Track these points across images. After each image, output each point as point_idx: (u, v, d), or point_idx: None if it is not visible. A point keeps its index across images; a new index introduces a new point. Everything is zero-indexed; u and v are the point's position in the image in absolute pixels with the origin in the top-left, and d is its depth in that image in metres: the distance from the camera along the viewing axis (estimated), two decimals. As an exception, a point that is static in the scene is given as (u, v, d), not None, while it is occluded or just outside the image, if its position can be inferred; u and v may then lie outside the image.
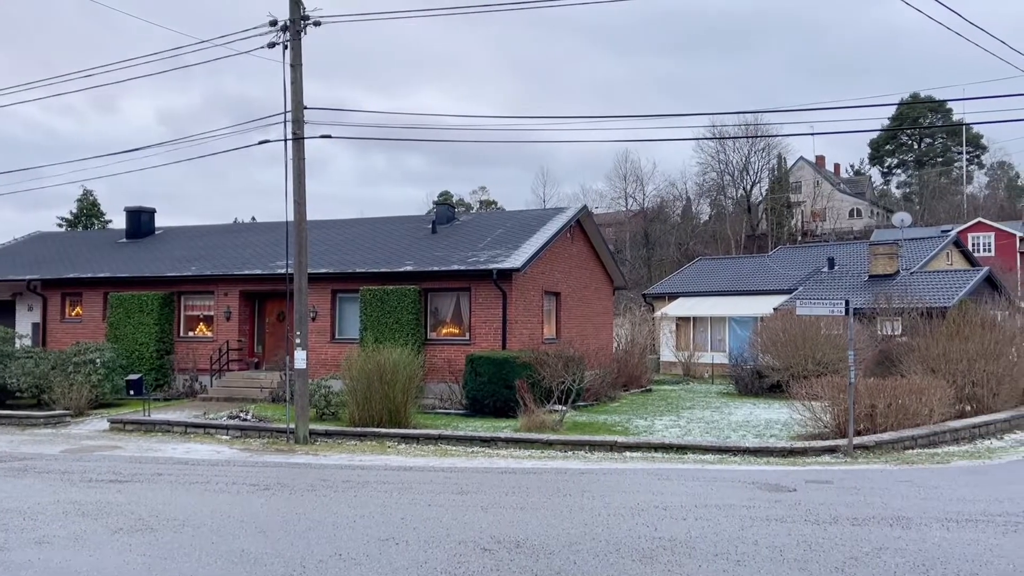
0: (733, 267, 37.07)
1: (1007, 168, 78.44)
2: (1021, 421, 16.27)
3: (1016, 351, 18.62)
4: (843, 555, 6.64)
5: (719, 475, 11.27)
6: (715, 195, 71.58)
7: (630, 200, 71.71)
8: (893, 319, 23.47)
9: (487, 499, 9.36)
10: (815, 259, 33.53)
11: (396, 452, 14.16)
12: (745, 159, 68.41)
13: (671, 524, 7.79)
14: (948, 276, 28.17)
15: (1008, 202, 68.30)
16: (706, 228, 69.69)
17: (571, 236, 23.68)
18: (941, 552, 6.71)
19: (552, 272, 22.45)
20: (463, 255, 21.31)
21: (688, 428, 16.41)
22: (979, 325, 18.20)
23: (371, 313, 20.66)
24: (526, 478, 11.13)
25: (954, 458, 12.87)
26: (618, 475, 11.40)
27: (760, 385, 23.03)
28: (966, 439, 14.50)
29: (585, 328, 24.07)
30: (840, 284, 29.16)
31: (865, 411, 14.25)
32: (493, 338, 20.05)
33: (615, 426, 16.64)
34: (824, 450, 13.09)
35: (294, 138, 15.47)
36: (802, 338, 21.93)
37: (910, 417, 14.41)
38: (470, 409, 18.59)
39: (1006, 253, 49.27)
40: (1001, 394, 16.66)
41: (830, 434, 14.12)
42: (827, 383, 14.84)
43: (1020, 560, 6.46)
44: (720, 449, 13.36)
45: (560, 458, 13.28)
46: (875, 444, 13.21)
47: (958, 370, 16.61)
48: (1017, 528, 7.63)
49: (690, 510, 8.47)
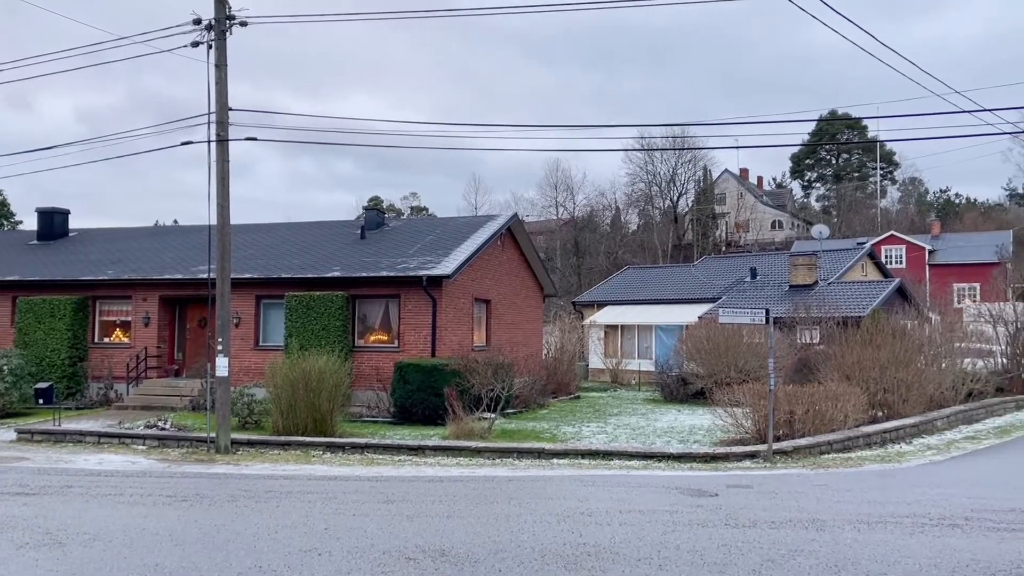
0: (660, 276, 37.77)
1: (918, 184, 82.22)
2: (928, 426, 17.03)
3: (924, 359, 19.51)
4: (760, 557, 6.81)
5: (644, 481, 11.43)
6: (643, 205, 72.89)
7: (561, 209, 72.38)
8: (812, 328, 24.23)
9: (413, 508, 9.27)
10: (738, 269, 34.43)
11: (321, 461, 13.91)
12: (672, 171, 69.92)
13: (596, 530, 7.85)
14: (863, 287, 29.29)
15: (918, 216, 71.51)
16: (635, 237, 70.91)
17: (502, 244, 23.75)
18: (852, 553, 6.95)
19: (483, 279, 22.46)
20: (392, 261, 21.13)
21: (615, 435, 16.61)
22: (890, 334, 19.00)
23: (297, 319, 20.28)
24: (453, 486, 11.08)
25: (866, 462, 13.36)
26: (545, 482, 11.46)
27: (685, 392, 23.48)
28: (878, 443, 15.09)
29: (515, 335, 24.15)
30: (762, 293, 30.01)
31: (784, 417, 14.68)
32: (422, 345, 19.92)
33: (543, 433, 16.72)
34: (745, 455, 13.42)
35: (218, 140, 15.10)
36: (725, 346, 22.46)
37: (826, 423, 14.91)
38: (398, 417, 18.42)
39: (916, 265, 51.59)
40: (910, 400, 17.39)
41: (751, 439, 14.48)
42: (748, 390, 15.23)
43: (925, 559, 6.74)
44: (645, 455, 13.56)
45: (488, 466, 13.27)
46: (793, 449, 13.62)
47: (871, 377, 17.28)
48: (923, 529, 7.96)
49: (615, 516, 8.56)
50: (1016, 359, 24.51)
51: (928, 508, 9.07)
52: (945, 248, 54.24)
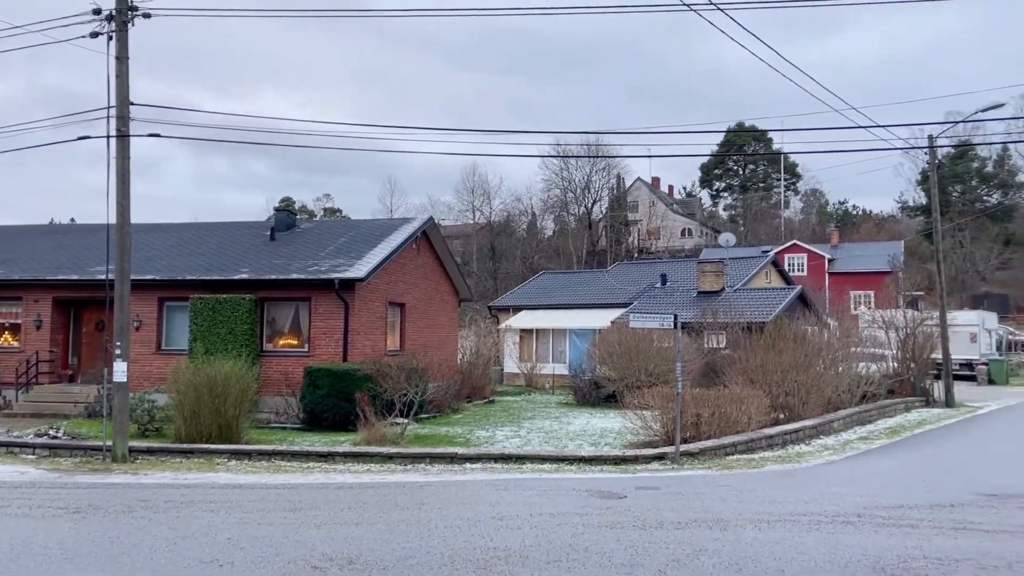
0: (575, 281, 38.23)
1: (819, 195, 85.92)
2: (826, 427, 17.78)
3: (823, 363, 20.36)
4: (666, 557, 6.95)
5: (556, 484, 11.52)
6: (559, 211, 73.72)
7: (477, 213, 72.48)
8: (718, 333, 24.94)
9: (321, 516, 9.08)
10: (650, 275, 35.16)
11: (226, 469, 13.47)
12: (587, 178, 70.94)
13: (507, 534, 7.86)
14: (767, 293, 30.37)
15: (819, 226, 74.74)
16: (550, 243, 71.62)
17: (417, 247, 23.58)
18: (753, 551, 7.18)
19: (397, 283, 22.24)
20: (303, 264, 20.69)
21: (528, 438, 16.69)
22: (792, 339, 19.75)
23: (202, 323, 19.61)
24: (364, 493, 10.91)
25: (768, 463, 13.84)
26: (458, 487, 11.41)
27: (598, 395, 23.79)
28: (779, 444, 15.65)
29: (430, 340, 23.98)
30: (672, 299, 30.72)
31: (691, 420, 15.04)
32: (334, 350, 19.57)
33: (457, 438, 16.66)
34: (653, 457, 13.70)
35: (118, 135, 14.47)
36: (636, 350, 22.89)
37: (731, 425, 15.37)
38: (308, 423, 18.03)
39: (817, 273, 53.92)
40: (810, 403, 18.11)
41: (660, 442, 14.79)
42: (657, 393, 15.56)
43: (819, 556, 7.02)
44: (557, 459, 13.67)
45: (400, 471, 13.12)
46: (699, 451, 13.98)
47: (773, 380, 17.92)
48: (819, 526, 8.29)
49: (526, 519, 8.60)
50: (906, 363, 25.88)
51: (824, 506, 9.45)
52: (843, 257, 56.86)
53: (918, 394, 25.18)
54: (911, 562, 6.83)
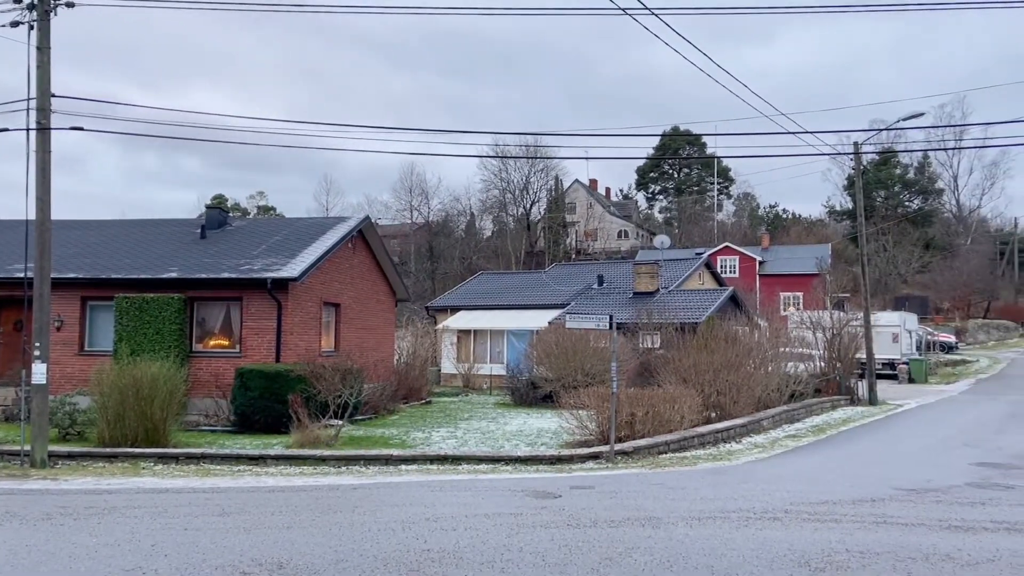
0: (513, 282, 38.32)
1: (750, 199, 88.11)
2: (756, 425, 18.21)
3: (753, 363, 20.85)
4: (599, 556, 7.01)
5: (491, 484, 11.52)
6: (497, 212, 73.86)
7: (415, 213, 72.13)
8: (653, 333, 25.32)
9: (251, 520, 8.88)
10: (587, 276, 35.49)
11: (152, 474, 13.06)
12: (525, 179, 71.27)
13: (441, 536, 7.81)
14: (700, 295, 30.98)
15: (750, 230, 76.60)
16: (488, 243, 71.72)
17: (353, 246, 23.28)
18: (684, 548, 7.29)
19: (332, 282, 21.92)
20: (235, 262, 20.22)
21: (464, 439, 16.65)
22: (724, 339, 20.19)
23: (128, 323, 18.99)
24: (296, 496, 10.71)
25: (700, 461, 14.10)
26: (392, 489, 11.30)
27: (535, 395, 23.89)
28: (711, 443, 15.96)
29: (366, 340, 23.72)
30: (608, 300, 31.07)
31: (626, 419, 15.22)
32: (266, 350, 19.18)
33: (393, 439, 16.51)
34: (589, 457, 13.81)
35: (39, 128, 13.88)
36: (573, 351, 23.07)
37: (664, 424, 15.61)
38: (239, 426, 17.63)
39: (748, 275, 55.23)
40: (740, 401, 18.53)
41: (595, 441, 14.92)
42: (593, 393, 15.70)
43: (748, 552, 7.17)
44: (493, 459, 13.67)
45: (334, 474, 12.93)
46: (634, 450, 14.15)
47: (706, 380, 18.27)
48: (748, 523, 8.47)
49: (461, 520, 8.56)
50: (832, 362, 26.71)
51: (753, 503, 9.67)
52: (773, 259, 58.41)
53: (843, 393, 26.01)
54: (834, 556, 7.04)
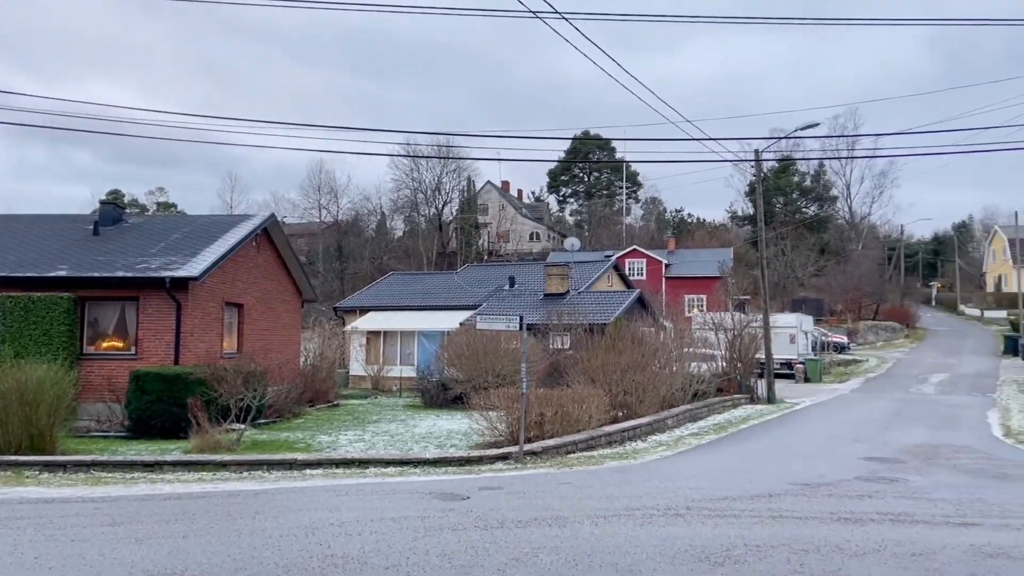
0: (424, 283, 38.05)
1: (658, 203, 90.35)
2: (661, 424, 18.65)
3: (659, 363, 21.34)
4: (506, 557, 7.00)
5: (399, 487, 11.37)
6: (409, 212, 73.35)
7: (324, 212, 70.81)
8: (563, 334, 25.59)
9: (144, 529, 8.48)
10: (499, 277, 35.57)
11: (37, 483, 12.31)
12: (437, 179, 71.03)
13: (346, 541, 7.66)
14: (608, 296, 31.50)
15: (657, 233, 78.54)
16: (400, 243, 71.12)
17: (257, 245, 22.63)
18: (589, 547, 7.37)
19: (235, 282, 21.25)
20: (131, 261, 19.35)
21: (372, 442, 16.41)
22: (631, 340, 20.58)
23: (12, 324, 17.90)
24: (193, 503, 10.30)
25: (607, 460, 14.31)
26: (296, 494, 11.02)
27: (445, 397, 23.78)
28: (618, 442, 16.23)
29: (271, 342, 23.09)
30: (519, 301, 31.23)
31: (536, 419, 15.31)
32: (164, 353, 18.43)
33: (297, 443, 16.11)
34: (498, 457, 13.82)
35: (-89, 113, 12.94)
36: (484, 352, 23.08)
37: (573, 424, 15.77)
38: (135, 431, 16.85)
39: (655, 277, 56.58)
40: (646, 401, 18.92)
41: (504, 442, 14.94)
42: (504, 394, 15.73)
43: (651, 548, 7.31)
44: (401, 462, 13.51)
45: (235, 480, 12.50)
46: (543, 450, 14.24)
47: (613, 380, 18.58)
48: (651, 520, 8.64)
49: (366, 524, 8.41)
50: (733, 363, 27.60)
51: (657, 500, 9.87)
52: (678, 262, 60.01)
53: (744, 392, 26.93)
54: (733, 550, 7.25)
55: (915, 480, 12.12)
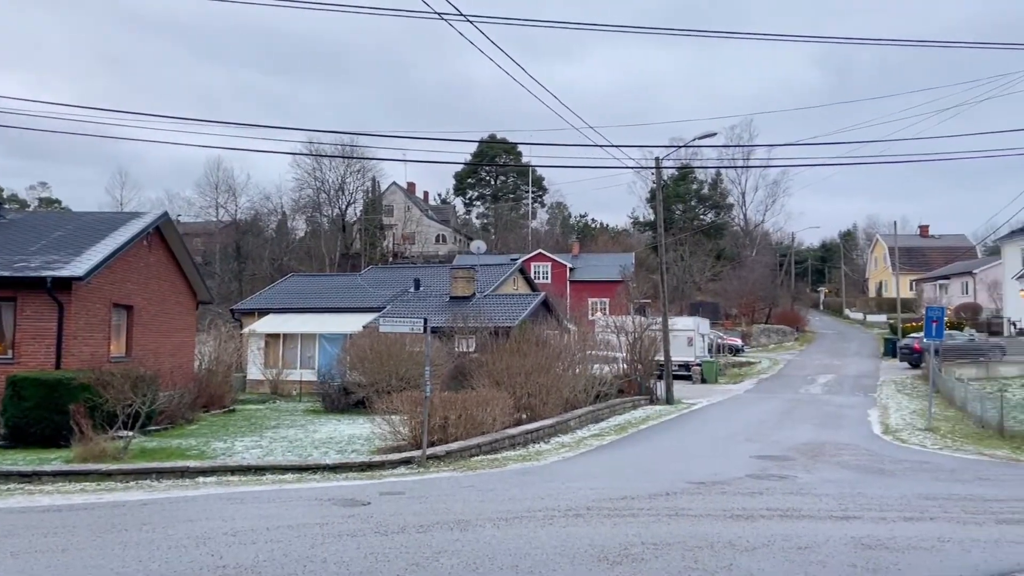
0: (326, 284, 37.30)
1: (563, 208, 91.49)
2: (564, 425, 18.86)
3: (562, 365, 21.59)
4: (406, 562, 6.91)
5: (297, 494, 11.08)
6: (311, 212, 71.76)
7: (222, 211, 68.48)
8: (468, 337, 25.56)
9: (20, 543, 7.95)
10: (404, 280, 35.24)
11: None
12: (341, 179, 69.82)
13: (239, 550, 7.39)
14: (514, 299, 31.67)
15: (562, 237, 79.50)
16: (301, 244, 69.52)
17: (149, 244, 21.65)
18: (491, 549, 7.36)
19: (124, 283, 20.26)
20: (8, 259, 18.18)
21: (270, 448, 15.93)
22: (535, 343, 20.76)
23: None
24: (75, 515, 9.73)
25: (510, 462, 14.36)
26: (187, 503, 10.57)
27: (347, 401, 23.35)
28: (521, 444, 16.32)
29: (162, 345, 22.12)
30: (424, 304, 31.02)
31: (440, 422, 15.21)
32: (45, 356, 17.38)
33: (190, 450, 15.48)
34: (400, 462, 13.66)
35: None
36: (387, 355, 22.77)
37: (477, 426, 15.76)
38: (11, 440, 15.81)
39: (559, 281, 57.26)
40: (550, 403, 19.11)
41: (407, 446, 14.78)
42: (407, 397, 15.56)
43: (552, 549, 7.36)
44: (300, 468, 13.18)
45: (121, 490, 11.89)
46: (446, 453, 14.17)
47: (518, 382, 18.68)
48: (553, 521, 8.71)
49: (261, 533, 8.15)
50: (634, 364, 28.22)
51: (559, 502, 9.96)
52: (582, 266, 60.94)
53: (644, 393, 27.56)
54: (631, 549, 7.38)
55: (802, 477, 12.67)
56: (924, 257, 77.07)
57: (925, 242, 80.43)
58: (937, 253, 76.71)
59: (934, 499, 10.62)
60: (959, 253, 72.12)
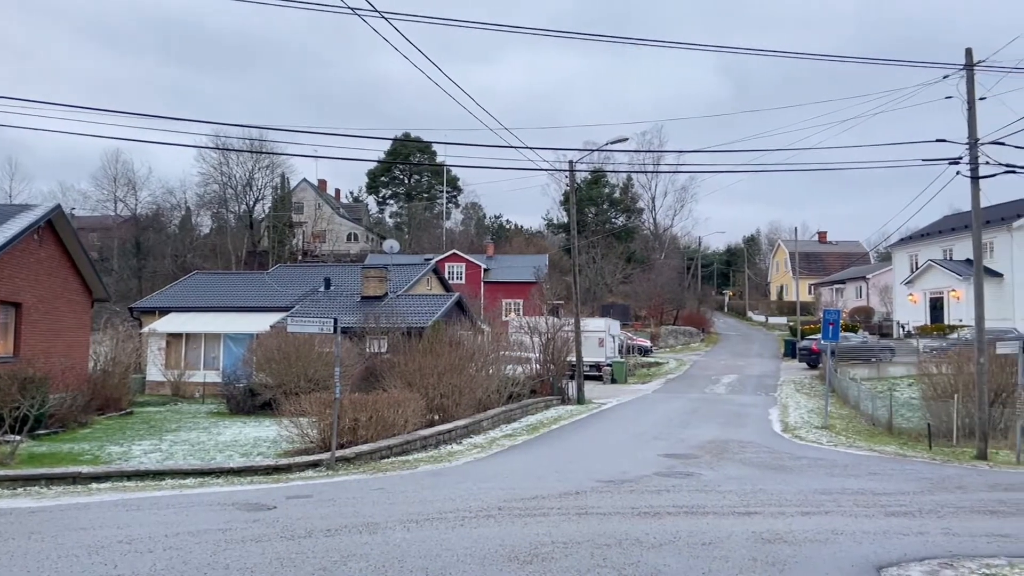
0: (232, 283, 36.18)
1: (478, 209, 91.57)
2: (476, 426, 18.86)
3: (476, 366, 21.58)
4: (312, 567, 6.75)
5: (198, 499, 10.69)
6: (217, 208, 69.52)
7: (120, 205, 65.58)
8: (380, 337, 25.25)
9: None
10: (314, 279, 34.52)
11: None
12: (249, 175, 67.91)
13: (135, 559, 7.07)
14: (427, 300, 31.45)
15: (477, 238, 79.57)
16: (206, 241, 67.25)
17: (40, 239, 20.51)
18: (400, 552, 7.27)
19: (12, 279, 19.13)
20: None
21: (170, 452, 15.33)
22: (448, 343, 20.66)
23: None
24: (-47, 527, 9.11)
25: (422, 463, 14.26)
26: (79, 510, 10.04)
27: (253, 403, 22.72)
28: (433, 445, 16.22)
29: (54, 345, 20.98)
30: (335, 304, 30.46)
31: (349, 424, 14.96)
32: (-78, 356, 16.24)
33: (83, 455, 14.73)
34: (308, 465, 13.37)
35: None
36: (296, 355, 22.27)
37: (388, 428, 15.58)
38: None
39: (473, 281, 57.28)
40: (462, 404, 19.07)
41: (316, 449, 14.49)
42: (315, 399, 15.24)
43: (462, 551, 7.33)
44: (202, 472, 12.73)
45: (7, 497, 11.21)
46: (356, 455, 13.95)
47: (430, 383, 18.57)
48: (464, 522, 8.67)
49: (159, 540, 7.82)
50: (547, 365, 28.50)
51: (469, 502, 9.94)
52: (497, 267, 61.13)
53: (556, 393, 27.86)
54: (541, 548, 7.42)
55: (707, 474, 13.04)
56: (822, 262, 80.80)
57: (823, 248, 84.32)
58: (834, 258, 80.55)
59: (829, 494, 11.10)
60: (854, 259, 75.94)
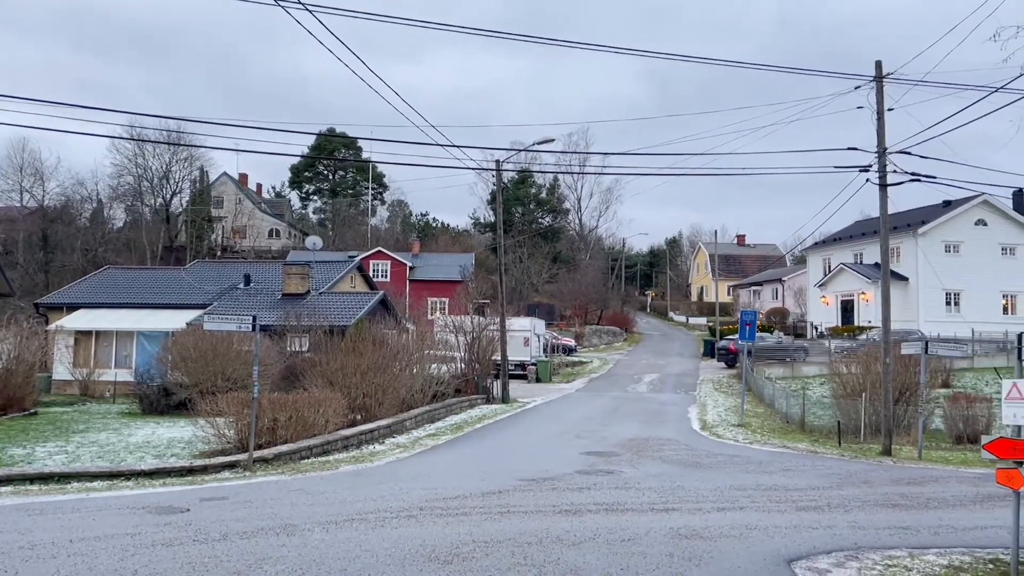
0: (146, 279, 34.90)
1: (403, 206, 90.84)
2: (399, 426, 18.70)
3: (400, 365, 21.38)
4: (226, 571, 6.57)
5: (106, 503, 10.27)
6: (131, 201, 67.04)
7: (27, 196, 62.56)
8: (302, 336, 24.78)
9: None
10: (233, 275, 33.61)
11: None
12: (166, 167, 65.75)
13: (37, 565, 6.75)
14: (351, 298, 31.01)
15: (403, 236, 78.92)
16: (119, 235, 64.74)
17: (-64, 229, 19.38)
18: (319, 554, 7.14)
19: (-96, 271, 18.01)
20: None
21: (77, 454, 14.68)
22: (372, 342, 20.40)
23: None
24: None
25: (343, 464, 14.05)
26: (-24, 517, 9.52)
27: (168, 403, 21.96)
28: (355, 445, 16.00)
29: (-49, 342, 19.87)
30: (255, 301, 29.74)
31: (268, 424, 14.62)
32: None
33: (-18, 458, 13.98)
34: (225, 466, 13.01)
35: None
36: (213, 354, 21.65)
37: (309, 428, 15.29)
38: None
39: (399, 280, 56.78)
40: (385, 403, 18.87)
41: (233, 449, 14.10)
42: (232, 399, 14.82)
43: (382, 552, 7.25)
44: (111, 474, 12.24)
45: None
46: (274, 456, 13.64)
47: (353, 383, 18.30)
48: (384, 523, 8.58)
49: (64, 546, 7.48)
50: (472, 364, 28.47)
51: (391, 503, 9.84)
52: (423, 266, 60.76)
53: (481, 392, 27.85)
54: (462, 548, 7.41)
55: (628, 472, 13.25)
56: (741, 265, 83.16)
57: (742, 250, 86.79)
58: (752, 261, 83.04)
59: (744, 490, 11.42)
60: (771, 262, 78.45)
